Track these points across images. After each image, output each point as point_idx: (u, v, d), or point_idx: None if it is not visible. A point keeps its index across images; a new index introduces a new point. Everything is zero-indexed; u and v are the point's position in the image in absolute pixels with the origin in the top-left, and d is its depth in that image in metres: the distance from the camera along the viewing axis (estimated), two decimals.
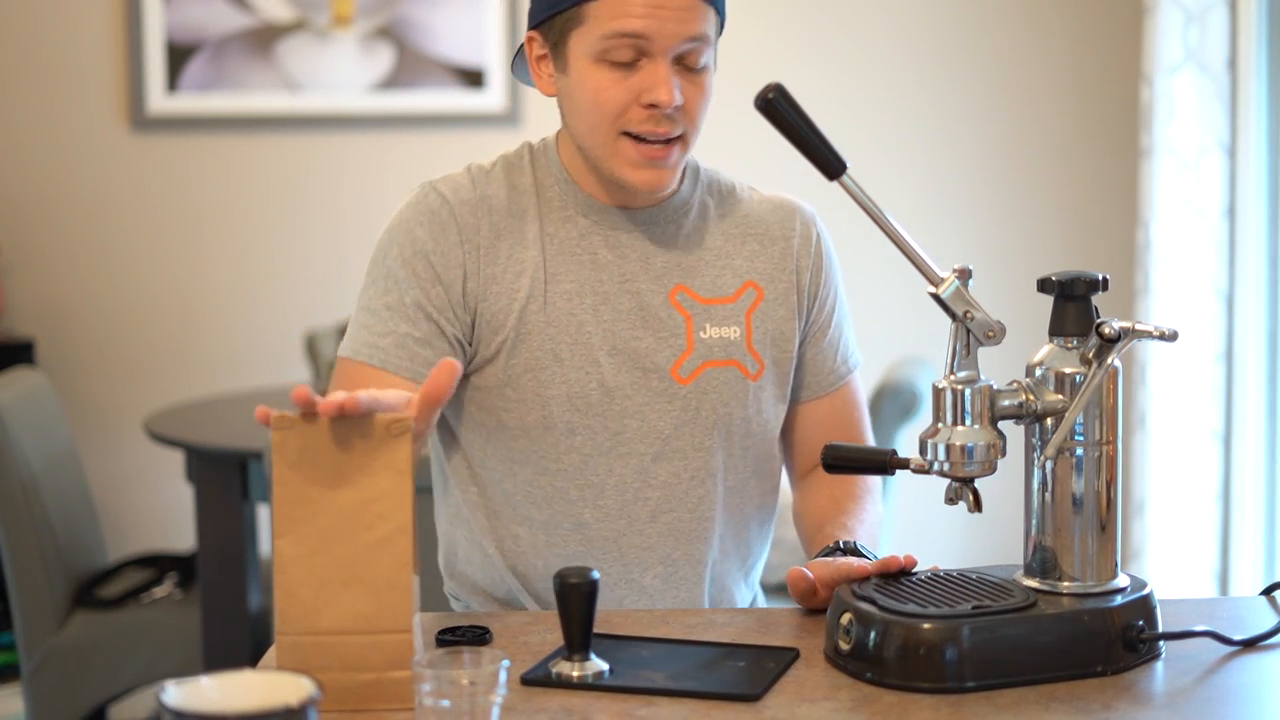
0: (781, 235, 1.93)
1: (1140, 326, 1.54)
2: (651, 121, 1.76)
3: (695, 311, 1.86)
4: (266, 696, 1.23)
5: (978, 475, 1.56)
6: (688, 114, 1.78)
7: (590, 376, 1.83)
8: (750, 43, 4.39)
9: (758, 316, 1.88)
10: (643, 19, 1.73)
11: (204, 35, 4.21)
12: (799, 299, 1.92)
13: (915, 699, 1.47)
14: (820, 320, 1.94)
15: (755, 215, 1.93)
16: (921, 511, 3.58)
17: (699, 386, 1.85)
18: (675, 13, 1.74)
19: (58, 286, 4.27)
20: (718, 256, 1.89)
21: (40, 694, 3.31)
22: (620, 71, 1.76)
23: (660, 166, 1.79)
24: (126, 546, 4.13)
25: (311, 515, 1.47)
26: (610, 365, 1.83)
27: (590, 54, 1.76)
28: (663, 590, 1.87)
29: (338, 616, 1.46)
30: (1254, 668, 1.55)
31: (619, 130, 1.77)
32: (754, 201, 1.95)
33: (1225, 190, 3.79)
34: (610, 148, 1.79)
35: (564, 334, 1.83)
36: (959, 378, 1.55)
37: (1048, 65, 4.42)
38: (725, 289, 1.88)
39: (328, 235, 4.30)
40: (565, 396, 1.82)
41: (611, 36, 1.74)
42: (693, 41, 1.76)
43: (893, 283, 4.42)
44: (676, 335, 1.85)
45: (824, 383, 1.95)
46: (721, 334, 1.86)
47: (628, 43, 1.74)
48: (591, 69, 1.77)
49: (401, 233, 1.83)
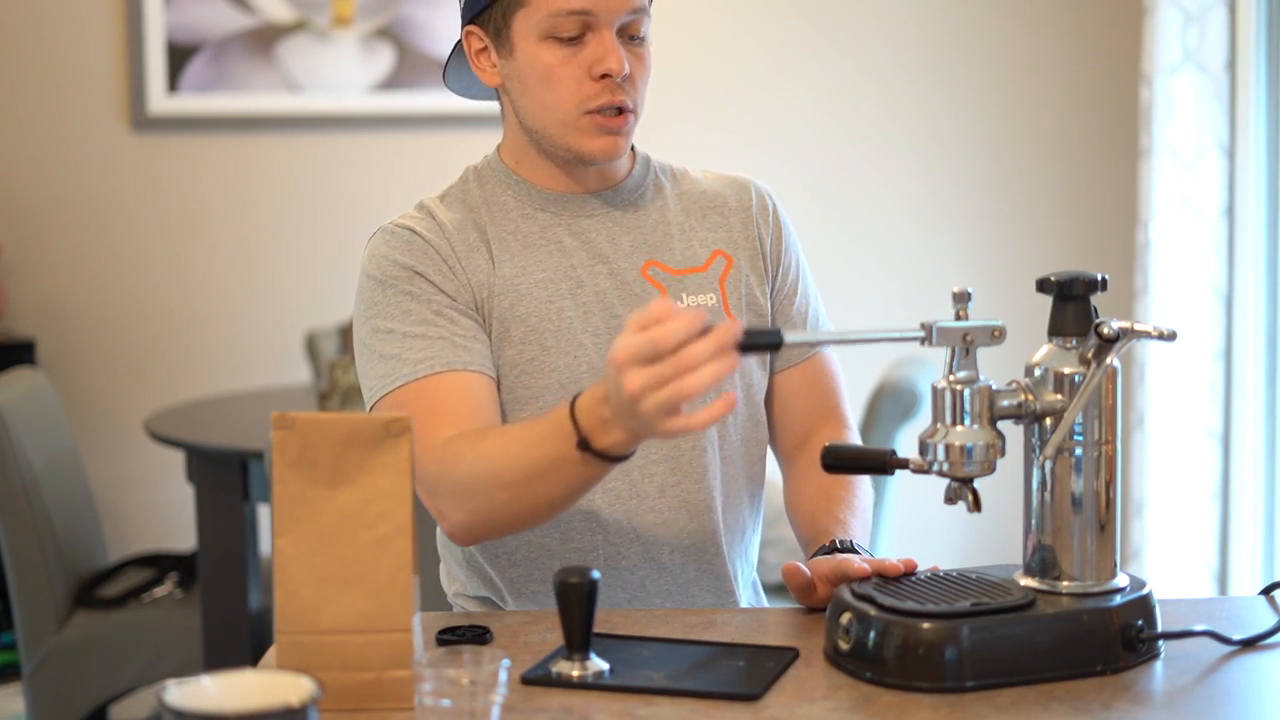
0: (740, 206, 1.96)
1: (1139, 326, 1.54)
2: (607, 92, 1.81)
3: (670, 283, 1.89)
4: (267, 696, 1.23)
5: (977, 475, 1.56)
6: (634, 86, 1.84)
7: (579, 360, 1.84)
8: (751, 43, 4.39)
9: (730, 283, 1.91)
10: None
11: (204, 36, 4.21)
12: (764, 264, 1.95)
13: (915, 699, 1.47)
14: (785, 288, 1.96)
15: (711, 191, 1.97)
16: (921, 511, 3.58)
17: None
18: None
19: (59, 286, 4.27)
20: (682, 230, 1.92)
21: (41, 693, 3.31)
22: (569, 47, 1.80)
23: (615, 134, 1.83)
24: (127, 546, 4.13)
25: (312, 515, 1.47)
26: (595, 346, 1.84)
27: (536, 33, 1.80)
28: (683, 565, 1.86)
29: (338, 616, 1.46)
30: (1253, 667, 1.55)
31: (578, 107, 1.81)
32: (707, 180, 1.98)
33: (1224, 190, 3.79)
34: (571, 122, 1.82)
35: (546, 323, 1.84)
36: (958, 378, 1.55)
37: (1047, 65, 4.42)
38: (696, 259, 1.91)
39: (328, 235, 4.31)
40: (557, 384, 1.83)
41: (558, 15, 1.79)
42: (634, 13, 1.81)
43: (892, 283, 4.42)
44: None
45: (795, 351, 1.97)
46: (699, 301, 1.88)
47: (574, 19, 1.79)
48: (539, 48, 1.81)
49: (387, 266, 1.83)
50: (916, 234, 4.41)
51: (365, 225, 4.25)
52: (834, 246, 4.37)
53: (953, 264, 4.42)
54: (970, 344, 1.54)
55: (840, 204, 4.40)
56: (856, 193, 4.41)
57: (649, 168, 1.96)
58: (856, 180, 4.42)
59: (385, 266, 1.83)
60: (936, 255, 4.42)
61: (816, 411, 1.96)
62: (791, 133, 4.39)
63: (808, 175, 4.39)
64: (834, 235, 4.38)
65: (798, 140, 4.39)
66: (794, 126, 4.39)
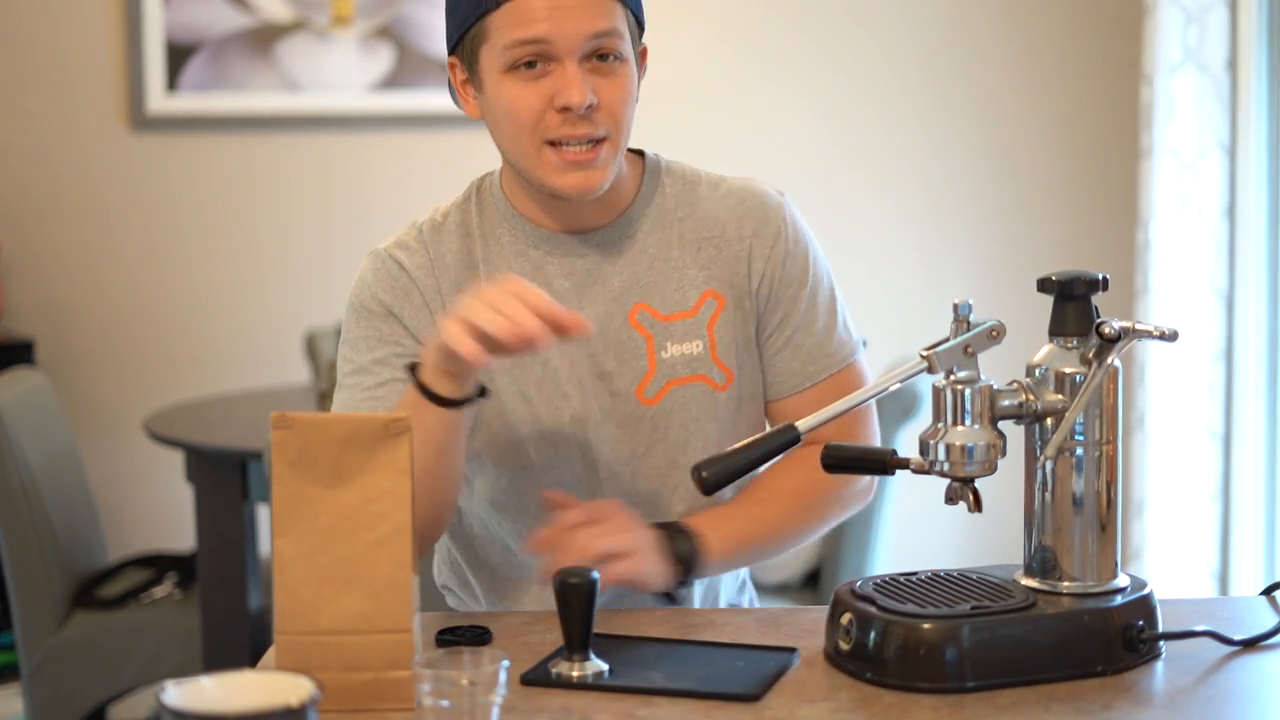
0: (738, 236, 1.85)
1: (1140, 326, 1.54)
2: (569, 125, 1.73)
3: (656, 330, 1.82)
4: (266, 696, 1.23)
5: (978, 475, 1.56)
6: (607, 112, 1.74)
7: (561, 412, 1.81)
8: (751, 43, 4.39)
9: (720, 327, 1.83)
10: (543, 22, 1.71)
11: (204, 35, 4.21)
12: (751, 303, 1.85)
13: (915, 699, 1.47)
14: (774, 323, 1.86)
15: (713, 215, 1.86)
16: (921, 511, 3.57)
17: (665, 406, 1.81)
18: (574, 11, 1.71)
19: (58, 286, 4.27)
20: (674, 268, 1.83)
21: (40, 694, 3.31)
22: (530, 79, 1.73)
23: (588, 169, 1.75)
24: (126, 546, 4.12)
25: (311, 515, 1.47)
26: (579, 396, 1.81)
27: (499, 66, 1.74)
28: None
29: (337, 616, 1.46)
30: (1254, 668, 1.55)
31: (540, 139, 1.74)
32: (716, 198, 1.87)
33: (1225, 190, 3.79)
34: (535, 159, 1.75)
35: (529, 374, 1.80)
36: (959, 378, 1.55)
37: (1048, 65, 4.42)
38: (685, 302, 1.83)
39: (327, 235, 4.30)
40: (538, 434, 1.81)
41: (514, 45, 1.72)
42: (599, 38, 1.72)
43: (892, 283, 4.42)
44: (638, 357, 1.81)
45: (789, 383, 1.86)
46: (684, 350, 1.82)
47: (531, 49, 1.71)
48: (503, 81, 1.74)
49: (368, 298, 1.82)
50: (917, 234, 4.41)
51: (365, 224, 4.26)
52: (834, 246, 4.35)
53: (953, 264, 4.41)
54: (971, 354, 1.55)
55: (840, 204, 4.40)
56: (857, 192, 4.41)
57: (657, 184, 1.87)
58: (857, 180, 4.41)
59: (365, 298, 1.82)
60: (937, 255, 4.42)
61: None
62: (794, 135, 4.39)
63: (808, 173, 4.38)
64: (834, 234, 4.37)
65: (800, 141, 4.39)
66: (797, 128, 4.39)
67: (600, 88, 1.73)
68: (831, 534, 3.39)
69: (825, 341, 1.88)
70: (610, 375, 1.81)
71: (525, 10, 1.71)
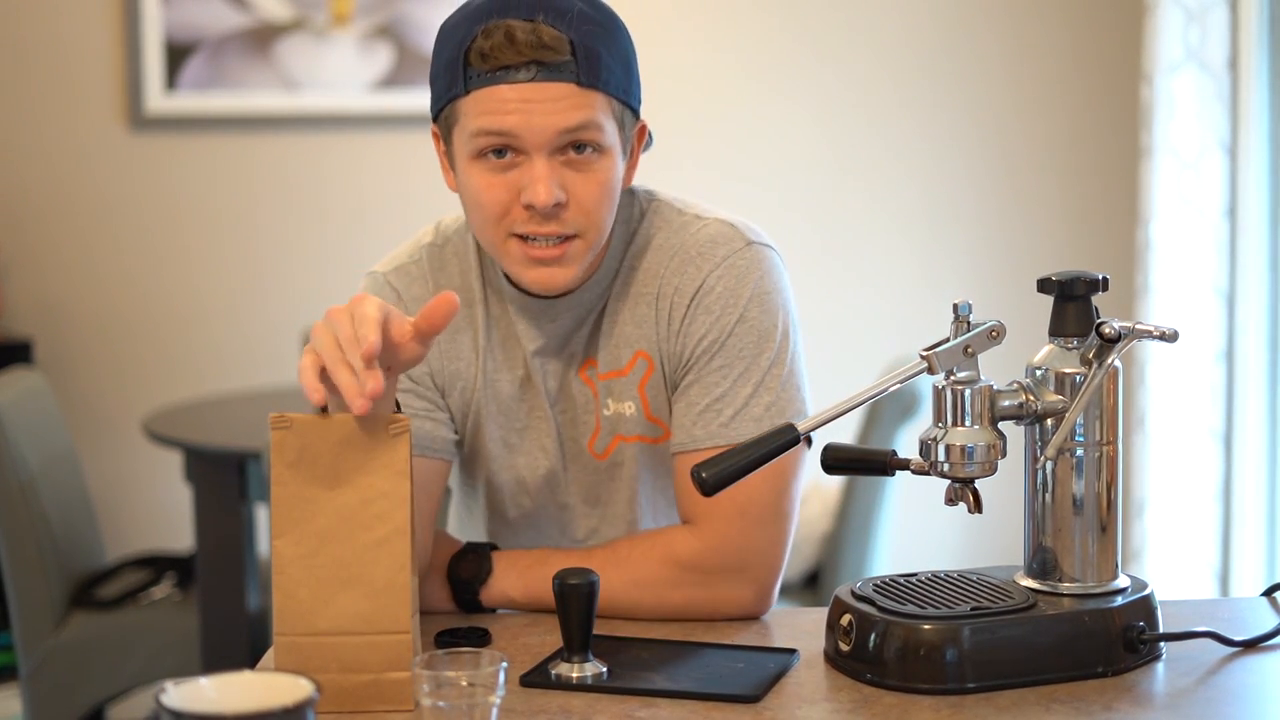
0: (674, 290, 1.74)
1: (1140, 326, 1.53)
2: (535, 222, 1.64)
3: (599, 387, 1.77)
4: (265, 697, 1.23)
5: (978, 476, 1.56)
6: (578, 210, 1.65)
7: (537, 463, 1.80)
8: (750, 44, 4.39)
9: (650, 388, 1.76)
10: (512, 114, 1.61)
11: (202, 34, 4.20)
12: (669, 363, 1.76)
13: (915, 700, 1.46)
14: (678, 375, 1.75)
15: (654, 270, 1.75)
16: (921, 512, 3.57)
17: (614, 459, 1.80)
18: (547, 104, 1.61)
19: (56, 286, 4.26)
20: (615, 324, 1.76)
21: (38, 695, 3.30)
22: (498, 169, 1.64)
23: (553, 266, 1.66)
24: (125, 547, 4.12)
25: (310, 516, 1.47)
26: (543, 455, 1.80)
27: (467, 153, 1.65)
28: None
29: (336, 617, 1.46)
30: (1255, 669, 1.55)
31: (506, 232, 1.66)
32: (667, 249, 1.75)
33: (1226, 190, 3.79)
34: (501, 249, 1.68)
35: (514, 422, 1.79)
36: (959, 378, 1.55)
37: (1048, 65, 4.41)
38: (619, 361, 1.77)
39: (326, 235, 4.30)
40: (514, 481, 1.81)
41: (481, 134, 1.63)
42: (571, 133, 1.62)
43: (893, 282, 4.42)
44: (588, 412, 1.79)
45: (677, 438, 1.74)
46: (619, 409, 1.77)
47: (498, 140, 1.62)
48: (470, 168, 1.66)
49: None
50: (917, 234, 4.40)
51: (364, 224, 4.26)
52: (834, 245, 4.36)
53: (953, 263, 4.41)
54: (971, 354, 1.54)
55: (840, 204, 4.39)
56: (856, 193, 4.40)
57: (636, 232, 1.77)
58: (857, 179, 4.41)
59: None
60: (937, 255, 4.41)
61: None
62: (794, 134, 4.38)
63: (808, 173, 4.38)
64: (834, 234, 4.37)
65: (800, 141, 4.38)
66: (797, 128, 4.39)
67: (572, 183, 1.64)
68: (831, 535, 3.39)
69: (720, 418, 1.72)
70: (571, 425, 1.80)
71: (494, 100, 1.62)
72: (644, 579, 1.71)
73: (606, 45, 1.65)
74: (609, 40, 1.66)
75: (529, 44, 1.61)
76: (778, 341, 1.74)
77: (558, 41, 1.61)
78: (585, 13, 1.64)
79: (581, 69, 1.62)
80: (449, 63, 1.65)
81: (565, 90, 1.62)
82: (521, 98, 1.61)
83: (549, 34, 1.61)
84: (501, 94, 1.62)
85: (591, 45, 1.63)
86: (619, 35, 1.67)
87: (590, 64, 1.63)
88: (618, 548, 1.74)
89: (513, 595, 1.74)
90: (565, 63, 1.62)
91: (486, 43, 1.61)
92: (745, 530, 1.71)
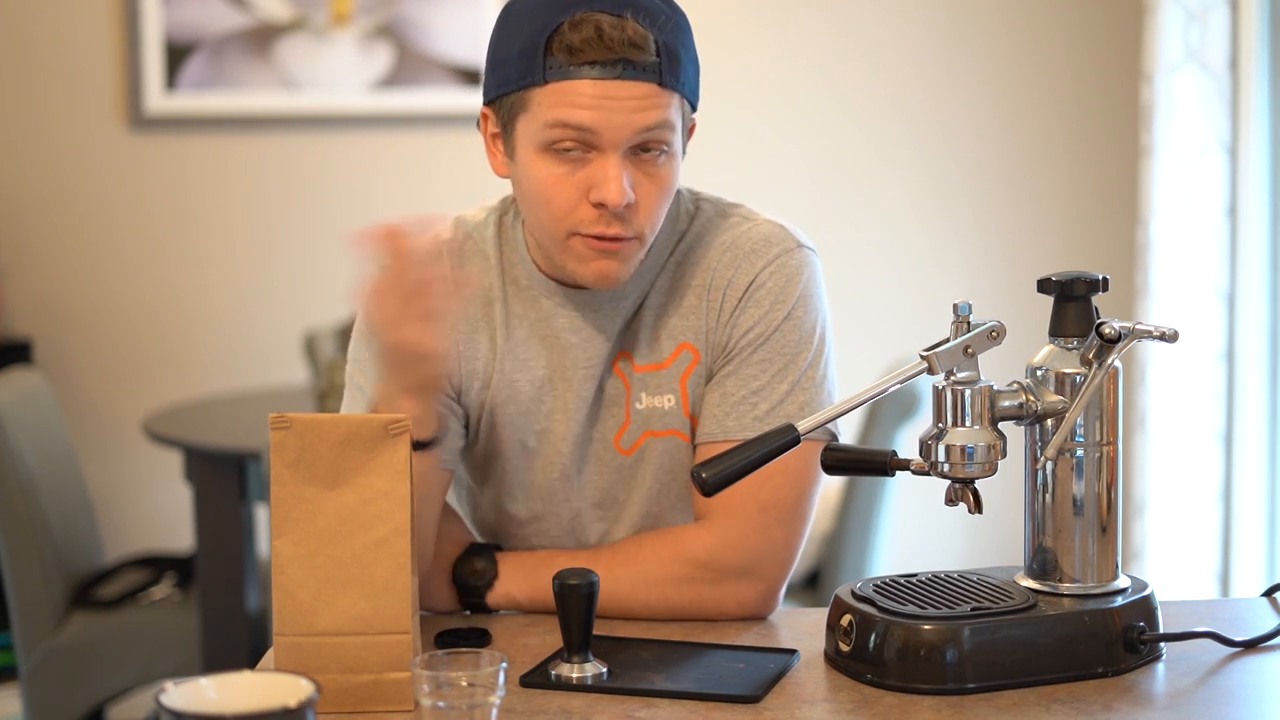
0: (727, 283, 1.74)
1: (1141, 327, 1.53)
2: (601, 222, 1.62)
3: (633, 381, 1.75)
4: (264, 697, 1.23)
5: (978, 476, 1.56)
6: (643, 212, 1.64)
7: (553, 466, 1.78)
8: (750, 44, 4.39)
9: (692, 381, 1.74)
10: (590, 110, 1.59)
11: (202, 34, 4.20)
12: (714, 352, 1.75)
13: (915, 701, 1.46)
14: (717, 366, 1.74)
15: (706, 263, 1.75)
16: (921, 512, 3.57)
17: (641, 456, 1.77)
18: (626, 102, 1.59)
19: (55, 286, 4.26)
20: (657, 317, 1.75)
21: (38, 695, 3.30)
22: (567, 164, 1.61)
23: (613, 258, 1.65)
24: (124, 547, 4.12)
25: (310, 516, 1.47)
26: (570, 453, 1.77)
27: (535, 143, 1.62)
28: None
29: (336, 618, 1.46)
30: (1255, 669, 1.55)
31: (568, 231, 1.64)
32: (720, 246, 1.75)
33: (1226, 189, 3.78)
34: (560, 244, 1.66)
35: (532, 423, 1.76)
36: (959, 378, 1.55)
37: (1048, 65, 4.41)
38: (661, 353, 1.74)
39: (326, 235, 4.30)
40: (530, 484, 1.79)
41: (555, 126, 1.60)
42: (648, 132, 1.61)
43: (893, 282, 4.42)
44: (618, 405, 1.77)
45: (707, 428, 1.74)
46: (655, 403, 1.74)
47: (574, 134, 1.60)
48: (537, 160, 1.63)
49: None
50: (917, 233, 4.40)
51: (364, 224, 4.24)
52: (835, 245, 4.36)
53: (953, 263, 4.41)
54: (971, 354, 1.54)
55: (841, 202, 4.39)
56: (858, 192, 4.40)
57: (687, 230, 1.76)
58: (857, 179, 4.41)
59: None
60: (937, 254, 4.41)
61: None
62: (794, 134, 4.38)
63: (808, 173, 4.38)
64: (835, 233, 4.37)
65: (800, 141, 4.38)
66: (797, 128, 4.39)
67: (640, 184, 1.63)
68: (832, 535, 3.39)
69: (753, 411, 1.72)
70: (596, 426, 1.78)
71: (573, 93, 1.59)
72: (653, 576, 1.71)
73: (684, 45, 1.65)
74: (686, 40, 1.66)
75: (619, 41, 1.59)
76: (816, 344, 1.75)
77: (645, 40, 1.60)
78: (667, 12, 1.64)
79: (665, 69, 1.61)
80: (525, 49, 1.61)
81: (647, 90, 1.60)
82: (603, 94, 1.59)
83: (637, 32, 1.59)
84: (582, 88, 1.59)
85: (673, 45, 1.62)
86: (690, 35, 1.68)
87: (672, 64, 1.62)
88: (626, 546, 1.74)
89: (517, 597, 1.74)
90: (652, 62, 1.60)
91: (575, 35, 1.59)
92: (764, 528, 1.71)
